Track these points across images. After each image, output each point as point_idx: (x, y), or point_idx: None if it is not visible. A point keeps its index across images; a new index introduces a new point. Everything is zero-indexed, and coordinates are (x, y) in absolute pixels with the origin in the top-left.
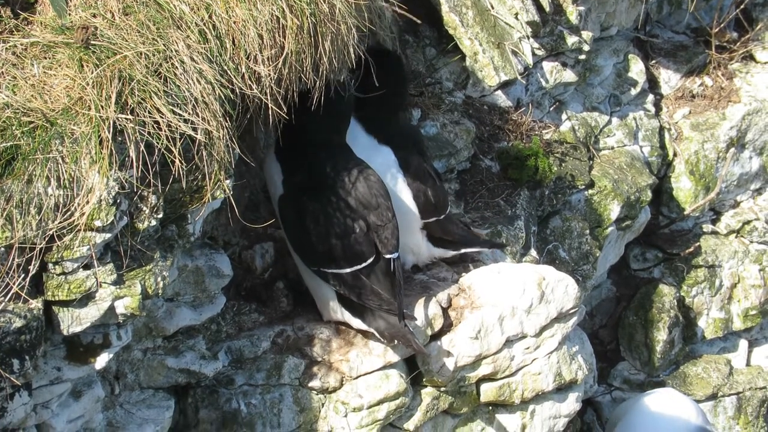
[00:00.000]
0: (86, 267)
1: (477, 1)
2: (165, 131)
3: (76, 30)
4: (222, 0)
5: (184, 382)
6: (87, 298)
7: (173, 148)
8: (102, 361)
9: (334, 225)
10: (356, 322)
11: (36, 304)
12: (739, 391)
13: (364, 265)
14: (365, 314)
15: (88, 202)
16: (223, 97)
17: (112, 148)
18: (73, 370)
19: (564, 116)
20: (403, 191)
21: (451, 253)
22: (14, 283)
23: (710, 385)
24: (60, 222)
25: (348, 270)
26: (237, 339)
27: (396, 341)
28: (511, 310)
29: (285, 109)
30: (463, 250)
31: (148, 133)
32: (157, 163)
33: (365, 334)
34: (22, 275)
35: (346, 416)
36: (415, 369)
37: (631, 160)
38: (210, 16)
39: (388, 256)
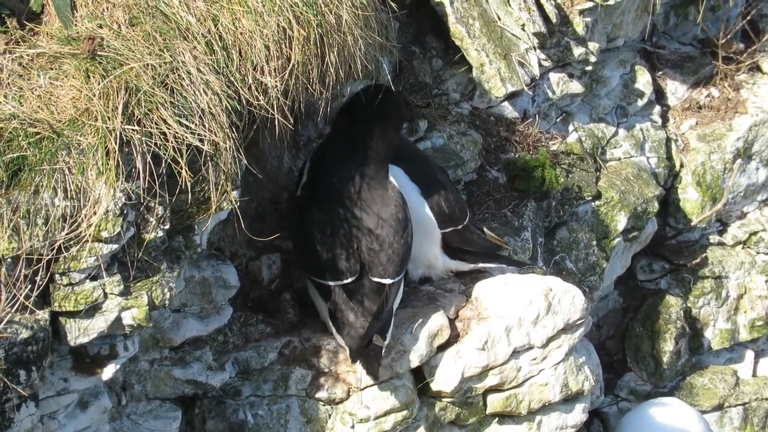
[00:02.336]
0: (93, 278)
1: (484, 12)
2: (172, 142)
3: (82, 41)
4: (228, 11)
5: (191, 392)
6: (94, 309)
7: (180, 159)
8: (109, 372)
9: (325, 237)
10: (338, 337)
11: (43, 314)
12: (746, 402)
13: (344, 282)
14: (343, 329)
15: (94, 213)
16: (229, 108)
17: (119, 159)
18: (80, 380)
19: (571, 127)
20: (418, 204)
21: (468, 266)
22: (21, 294)
23: (717, 395)
24: (67, 233)
25: (330, 283)
26: (244, 350)
27: (358, 362)
28: (518, 321)
29: (291, 120)
30: (480, 265)
31: (155, 144)
32: (163, 174)
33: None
34: (29, 286)
35: (353, 427)
36: (422, 380)
37: (637, 171)
38: (216, 27)
39: (377, 279)
